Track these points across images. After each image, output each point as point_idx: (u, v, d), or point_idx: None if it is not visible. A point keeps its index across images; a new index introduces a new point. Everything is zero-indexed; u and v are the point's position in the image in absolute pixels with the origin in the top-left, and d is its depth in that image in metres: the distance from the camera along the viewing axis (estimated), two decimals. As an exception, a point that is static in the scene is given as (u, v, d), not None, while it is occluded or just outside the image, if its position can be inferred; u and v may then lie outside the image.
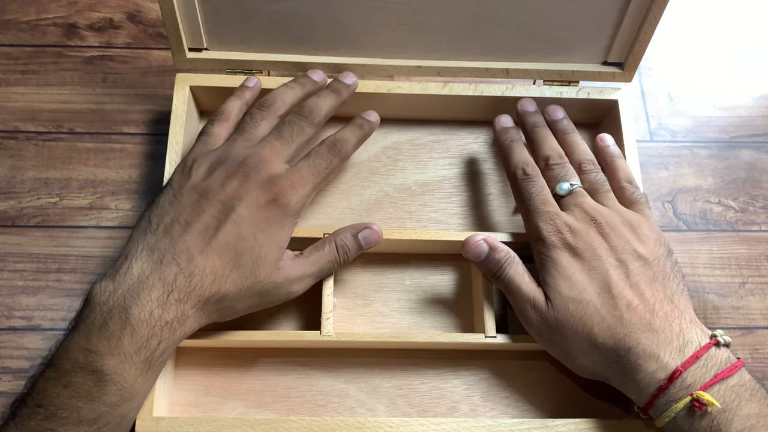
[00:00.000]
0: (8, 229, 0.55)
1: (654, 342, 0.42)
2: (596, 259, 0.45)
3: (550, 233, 0.46)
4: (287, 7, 0.50)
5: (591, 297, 0.44)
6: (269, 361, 0.50)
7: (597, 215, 0.46)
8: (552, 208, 0.47)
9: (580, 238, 0.45)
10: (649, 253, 0.46)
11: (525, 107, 0.54)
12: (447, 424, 0.45)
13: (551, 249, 0.46)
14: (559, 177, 0.48)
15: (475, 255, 0.48)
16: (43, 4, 0.64)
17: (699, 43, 0.67)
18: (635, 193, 0.49)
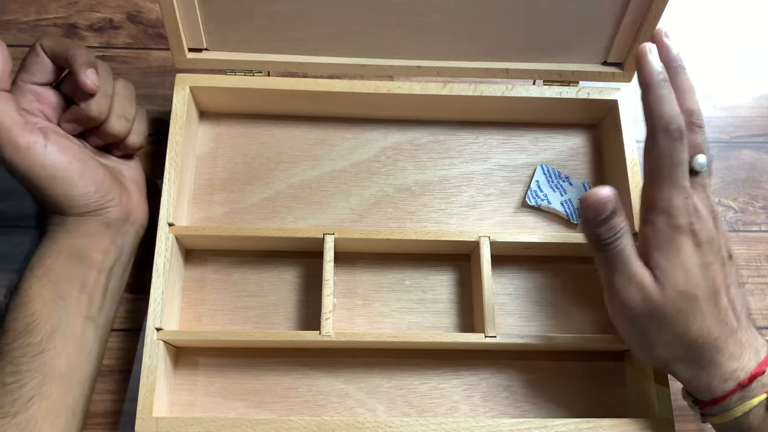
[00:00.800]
0: (8, 229, 0.55)
1: (739, 345, 0.42)
2: (712, 254, 0.43)
3: (681, 212, 0.42)
4: (287, 7, 0.50)
5: (702, 295, 0.42)
6: (269, 361, 0.50)
7: (714, 205, 0.44)
8: (688, 184, 0.43)
9: (704, 227, 0.43)
10: (732, 250, 0.45)
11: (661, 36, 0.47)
12: (447, 424, 0.45)
13: (677, 231, 0.42)
14: (699, 146, 0.44)
15: (597, 211, 0.42)
16: (43, 4, 0.64)
17: (699, 44, 0.67)
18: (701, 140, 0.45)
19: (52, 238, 0.47)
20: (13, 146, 0.44)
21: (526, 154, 0.58)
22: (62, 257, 0.47)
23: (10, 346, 0.44)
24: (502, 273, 0.54)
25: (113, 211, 0.49)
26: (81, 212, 0.47)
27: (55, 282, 0.46)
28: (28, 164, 0.45)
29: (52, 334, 0.45)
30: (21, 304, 0.45)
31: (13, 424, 0.42)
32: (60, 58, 0.48)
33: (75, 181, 0.47)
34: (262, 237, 0.50)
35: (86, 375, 0.47)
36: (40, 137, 0.46)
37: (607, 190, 0.42)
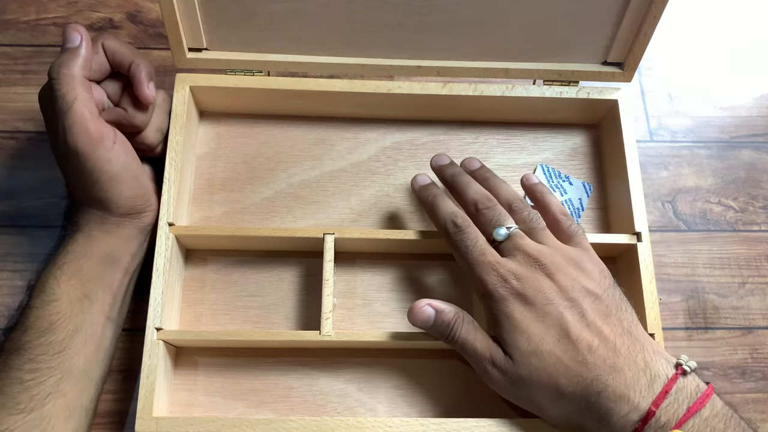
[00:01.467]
0: (8, 229, 0.55)
1: (622, 382, 0.41)
2: (548, 303, 0.43)
3: (496, 285, 0.44)
4: (287, 7, 0.50)
5: (550, 347, 0.42)
6: (269, 361, 0.50)
7: (540, 256, 0.44)
8: (492, 258, 0.45)
9: (527, 283, 0.43)
10: (598, 287, 0.44)
11: (438, 162, 0.52)
12: (447, 424, 0.45)
13: (501, 302, 0.44)
14: (493, 221, 0.46)
15: (423, 322, 0.45)
16: (43, 4, 0.64)
17: (699, 43, 0.67)
18: (571, 226, 0.47)
19: (88, 237, 0.48)
20: (86, 136, 0.45)
21: (526, 154, 0.58)
22: (95, 257, 0.47)
23: (32, 344, 0.44)
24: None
25: (149, 216, 0.50)
26: (124, 213, 0.48)
27: (85, 282, 0.46)
28: (96, 157, 0.45)
29: (74, 333, 0.45)
30: (47, 303, 0.45)
31: (28, 420, 0.42)
32: (120, 64, 0.49)
33: (130, 183, 0.48)
34: (262, 237, 0.50)
35: (101, 374, 0.47)
36: (111, 133, 0.47)
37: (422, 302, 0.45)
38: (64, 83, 0.45)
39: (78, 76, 0.45)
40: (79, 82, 0.45)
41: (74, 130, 0.45)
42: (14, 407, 0.42)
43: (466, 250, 0.45)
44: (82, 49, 0.46)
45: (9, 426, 0.41)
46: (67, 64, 0.45)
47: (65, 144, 0.45)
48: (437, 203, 0.49)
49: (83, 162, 0.45)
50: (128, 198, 0.48)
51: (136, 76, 0.48)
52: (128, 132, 0.49)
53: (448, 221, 0.47)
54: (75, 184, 0.48)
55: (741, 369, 0.54)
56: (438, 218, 0.48)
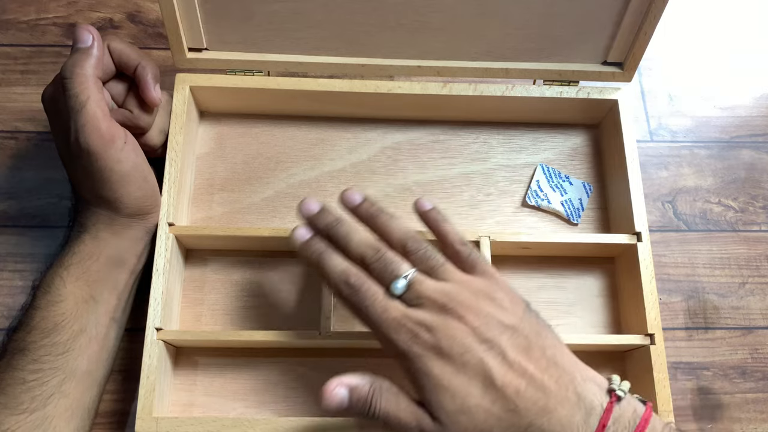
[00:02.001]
0: (8, 229, 0.55)
1: (557, 423, 0.38)
2: (466, 352, 0.39)
3: (408, 343, 0.40)
4: (287, 7, 0.50)
5: (477, 400, 0.39)
6: (269, 361, 0.50)
7: (445, 300, 0.41)
8: (396, 312, 0.41)
9: (440, 333, 0.40)
10: (513, 317, 0.41)
11: (306, 210, 0.46)
12: (447, 424, 0.45)
13: (416, 360, 0.40)
14: (387, 272, 0.42)
15: (338, 406, 0.40)
16: (42, 3, 0.64)
17: (699, 43, 0.67)
18: (470, 255, 0.44)
19: (95, 238, 0.48)
20: (98, 135, 0.45)
21: (526, 153, 0.58)
22: (102, 259, 0.47)
23: (36, 344, 0.44)
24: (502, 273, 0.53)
25: (155, 217, 0.50)
26: (132, 214, 0.48)
27: (91, 283, 0.46)
28: (107, 156, 0.45)
29: (78, 334, 0.45)
30: (52, 303, 0.45)
31: (30, 420, 0.42)
32: (126, 65, 0.49)
33: (139, 183, 0.48)
34: (262, 237, 0.50)
35: (104, 374, 0.47)
36: (122, 133, 0.47)
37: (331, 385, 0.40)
38: (77, 83, 0.45)
39: (91, 75, 0.45)
40: (93, 82, 0.45)
41: (87, 129, 0.45)
42: (16, 407, 0.42)
43: (366, 311, 0.41)
44: (94, 49, 0.46)
45: (11, 426, 0.41)
46: (80, 64, 0.45)
47: (76, 143, 0.45)
48: (323, 262, 0.43)
49: (94, 161, 0.45)
50: (137, 198, 0.48)
51: (143, 78, 0.48)
52: (132, 133, 0.49)
53: (340, 283, 0.42)
54: (83, 185, 0.48)
55: (741, 369, 0.54)
56: (329, 280, 0.43)
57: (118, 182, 0.46)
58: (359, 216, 0.46)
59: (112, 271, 0.48)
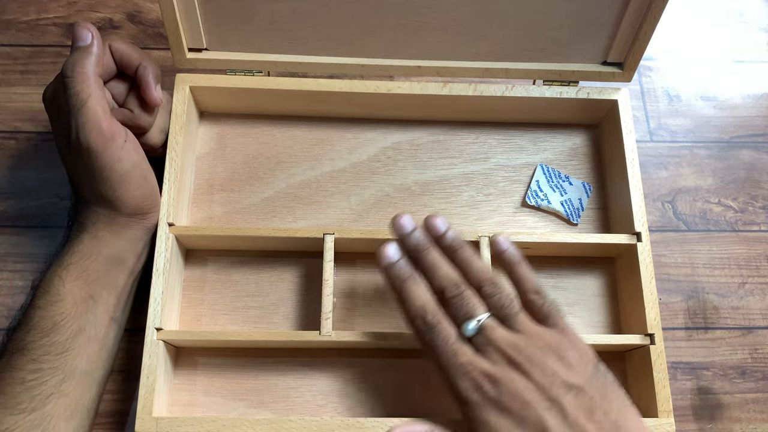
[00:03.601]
0: (8, 229, 0.55)
1: None
2: (526, 408, 0.39)
3: (469, 391, 0.41)
4: (287, 7, 0.50)
5: None
6: (269, 361, 0.50)
7: (513, 353, 0.41)
8: (465, 358, 0.41)
9: (502, 387, 0.40)
10: (580, 378, 0.41)
11: (399, 228, 0.46)
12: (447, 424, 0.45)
13: (476, 409, 0.40)
14: (462, 312, 0.43)
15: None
16: (42, 4, 0.64)
17: (699, 43, 0.67)
18: (544, 305, 0.44)
19: (95, 238, 0.48)
20: (99, 133, 0.45)
21: (526, 154, 0.58)
22: (101, 258, 0.47)
23: (35, 344, 0.44)
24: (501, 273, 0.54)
25: (155, 217, 0.50)
26: (132, 213, 0.48)
27: (90, 282, 0.46)
28: (108, 154, 0.46)
29: (77, 334, 0.45)
30: (51, 303, 0.45)
31: (29, 420, 0.42)
32: (127, 65, 0.49)
33: (139, 182, 0.48)
34: (262, 237, 0.50)
35: (103, 374, 0.47)
36: (123, 132, 0.47)
37: None
38: (78, 81, 0.45)
39: (92, 74, 0.45)
40: (93, 81, 0.45)
41: (87, 127, 0.45)
42: (15, 407, 0.42)
43: (437, 351, 0.42)
44: (94, 47, 0.46)
45: (10, 426, 0.41)
46: (81, 63, 0.45)
47: (77, 141, 0.45)
48: (406, 291, 0.44)
49: (94, 159, 0.45)
50: (136, 198, 0.48)
51: (144, 78, 0.48)
52: (133, 133, 0.49)
53: (417, 318, 0.43)
54: (83, 183, 0.48)
55: (741, 369, 0.54)
56: (407, 310, 0.44)
57: (117, 181, 0.46)
58: (442, 246, 0.46)
59: (112, 271, 0.48)
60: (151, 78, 0.49)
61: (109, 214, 0.48)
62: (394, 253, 0.46)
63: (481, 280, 0.44)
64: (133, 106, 0.49)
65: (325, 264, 0.49)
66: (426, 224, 0.47)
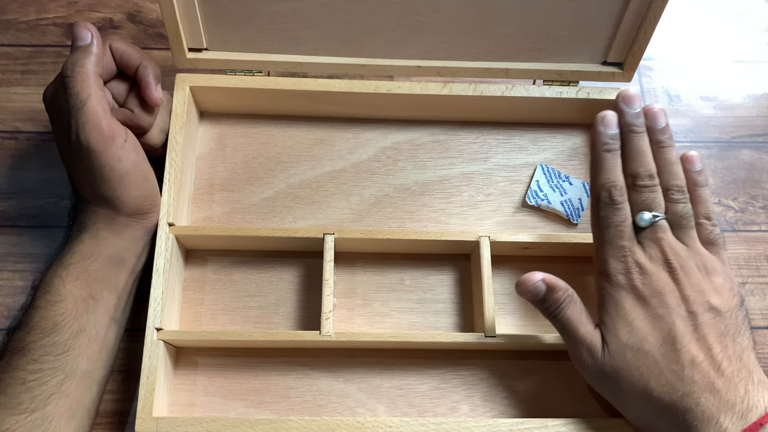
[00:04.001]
0: (8, 229, 0.55)
1: (715, 404, 0.39)
2: (663, 306, 0.42)
3: (617, 271, 0.43)
4: (287, 7, 0.50)
5: (651, 347, 0.41)
6: (269, 361, 0.50)
7: (673, 258, 0.43)
8: (627, 243, 0.44)
9: (649, 281, 0.43)
10: (723, 305, 0.42)
11: (625, 103, 0.47)
12: (447, 424, 0.45)
13: (615, 288, 0.43)
14: (644, 204, 0.45)
15: (533, 295, 0.45)
16: (42, 4, 0.64)
17: (699, 43, 0.67)
18: (713, 232, 0.46)
19: (96, 238, 0.48)
20: (99, 133, 0.45)
21: (526, 153, 0.58)
22: (102, 258, 0.47)
23: (36, 344, 0.44)
24: (502, 273, 0.54)
25: (155, 217, 0.50)
26: (132, 213, 0.48)
27: (90, 282, 0.46)
28: (108, 154, 0.46)
29: (78, 334, 0.45)
30: (52, 303, 0.45)
31: (30, 420, 0.42)
32: (127, 65, 0.49)
33: (139, 182, 0.48)
34: (262, 237, 0.50)
35: (104, 374, 0.47)
36: (123, 131, 0.47)
37: (536, 276, 0.45)
38: (78, 81, 0.45)
39: (92, 73, 0.45)
40: (93, 80, 0.45)
41: (87, 126, 0.45)
42: (16, 407, 0.42)
43: (607, 226, 0.45)
44: (93, 46, 0.46)
45: (11, 426, 0.41)
46: (81, 62, 0.45)
47: (77, 141, 0.45)
48: (605, 162, 0.46)
49: (94, 159, 0.45)
50: (137, 197, 0.48)
51: (144, 78, 0.48)
52: (133, 132, 0.49)
53: (604, 188, 0.45)
54: (83, 183, 0.48)
55: (741, 369, 0.54)
56: (598, 179, 0.46)
57: (117, 180, 0.47)
58: (651, 138, 0.47)
59: (112, 271, 0.48)
60: (151, 78, 0.49)
61: (109, 214, 0.48)
62: (612, 123, 0.47)
63: (672, 185, 0.46)
64: (134, 106, 0.49)
65: (325, 264, 0.49)
66: (647, 111, 0.48)
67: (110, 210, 0.48)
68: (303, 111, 0.57)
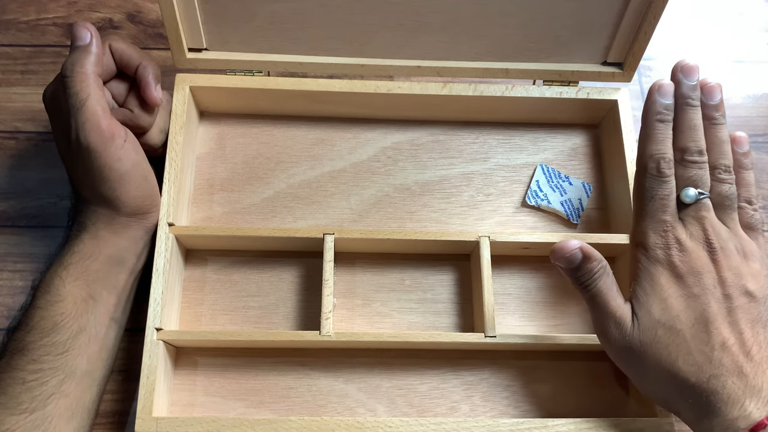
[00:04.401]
0: (8, 229, 0.55)
1: (741, 388, 0.39)
2: (699, 286, 0.42)
3: (656, 245, 0.43)
4: (287, 7, 0.50)
5: (683, 326, 0.41)
6: (269, 361, 0.50)
7: (714, 238, 0.43)
8: (669, 218, 0.43)
9: (687, 259, 0.42)
10: (758, 291, 0.42)
11: (684, 74, 0.46)
12: (447, 424, 0.45)
13: (652, 263, 0.43)
14: (691, 180, 0.44)
15: (567, 263, 0.44)
16: (42, 3, 0.64)
17: (699, 44, 0.67)
18: (753, 217, 0.45)
19: (95, 237, 0.47)
20: (98, 133, 0.45)
21: (526, 154, 0.58)
22: (101, 258, 0.47)
23: (36, 344, 0.44)
24: (502, 273, 0.54)
25: (155, 217, 0.50)
26: (132, 213, 0.48)
27: (90, 282, 0.46)
28: (108, 154, 0.46)
29: (78, 334, 0.45)
30: (52, 303, 0.45)
31: (30, 420, 0.42)
32: (127, 65, 0.49)
33: (139, 182, 0.48)
34: (262, 237, 0.50)
35: (104, 374, 0.47)
36: (122, 131, 0.47)
37: (573, 243, 0.44)
38: (77, 80, 0.45)
39: (91, 73, 0.45)
40: (93, 80, 0.45)
41: (87, 126, 0.45)
42: (16, 407, 0.42)
43: (651, 198, 0.44)
44: (93, 46, 0.46)
45: (11, 426, 0.41)
46: (80, 62, 0.45)
47: (77, 141, 0.45)
48: (656, 132, 0.45)
49: (94, 159, 0.45)
50: (136, 197, 0.48)
51: (144, 78, 0.49)
52: (133, 132, 0.49)
53: (653, 160, 0.44)
54: (83, 183, 0.48)
55: (741, 369, 0.54)
56: (647, 148, 0.45)
57: (117, 180, 0.47)
58: (704, 113, 0.46)
59: (112, 271, 0.48)
60: (151, 78, 0.49)
61: (109, 214, 0.48)
62: (669, 92, 0.46)
63: (720, 164, 0.45)
64: (133, 106, 0.49)
65: (325, 264, 0.49)
66: (702, 84, 0.47)
67: (110, 210, 0.48)
68: (303, 111, 0.57)
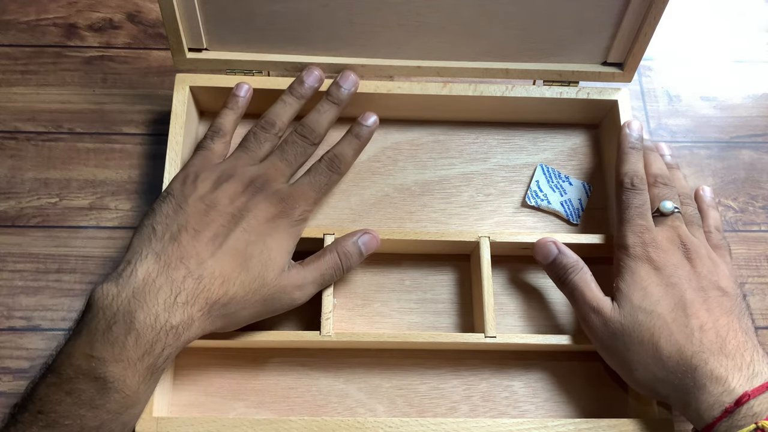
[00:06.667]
0: (8, 229, 0.55)
1: (723, 365, 0.41)
2: (675, 276, 0.45)
3: (635, 244, 0.47)
4: (287, 7, 0.50)
5: (663, 310, 0.44)
6: (269, 361, 0.51)
7: (687, 241, 0.47)
8: (646, 222, 0.48)
9: (664, 255, 0.46)
10: (730, 288, 0.46)
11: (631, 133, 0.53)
12: (447, 424, 0.45)
13: (632, 259, 0.46)
14: (665, 196, 0.49)
15: (544, 256, 0.49)
16: (43, 4, 0.64)
17: (699, 43, 0.67)
18: (721, 240, 0.50)
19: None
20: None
21: (526, 154, 0.58)
22: None
23: None
24: (502, 273, 0.54)
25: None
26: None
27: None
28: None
29: None
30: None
31: None
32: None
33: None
34: (262, 237, 0.50)
35: None
36: None
37: (549, 238, 0.49)
38: None
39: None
40: None
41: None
42: None
43: (628, 207, 0.48)
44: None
45: None
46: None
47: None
48: (631, 156, 0.51)
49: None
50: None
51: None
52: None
53: (628, 176, 0.50)
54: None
55: (741, 369, 0.54)
56: (622, 169, 0.50)
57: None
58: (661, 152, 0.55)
59: None
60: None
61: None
62: (640, 129, 0.53)
63: (683, 194, 0.51)
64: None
65: (325, 264, 0.49)
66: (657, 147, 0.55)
67: None
68: (303, 111, 0.57)
